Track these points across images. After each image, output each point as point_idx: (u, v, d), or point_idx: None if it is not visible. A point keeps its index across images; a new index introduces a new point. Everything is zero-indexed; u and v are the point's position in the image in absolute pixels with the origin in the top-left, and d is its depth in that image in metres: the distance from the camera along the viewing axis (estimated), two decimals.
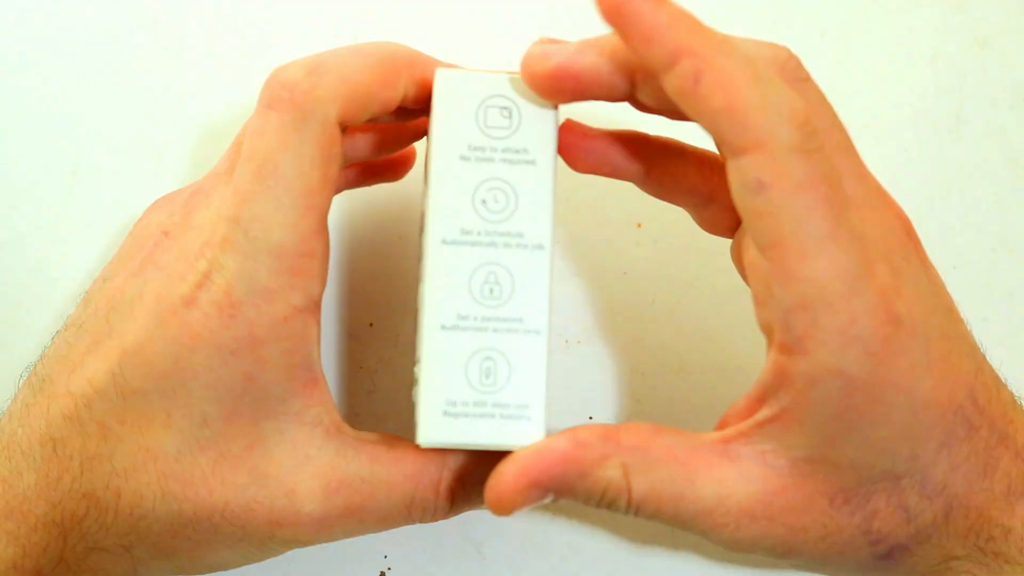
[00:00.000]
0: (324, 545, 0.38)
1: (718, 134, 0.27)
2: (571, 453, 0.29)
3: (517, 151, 0.31)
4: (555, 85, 0.30)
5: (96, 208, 0.40)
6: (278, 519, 0.30)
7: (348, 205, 0.40)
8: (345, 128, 0.31)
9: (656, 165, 0.33)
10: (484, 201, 0.31)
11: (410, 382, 0.34)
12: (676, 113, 0.29)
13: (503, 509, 0.30)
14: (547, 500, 0.30)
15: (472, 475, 0.32)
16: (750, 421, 0.30)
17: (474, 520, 0.38)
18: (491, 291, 0.30)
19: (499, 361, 0.30)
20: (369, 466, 0.31)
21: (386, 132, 0.35)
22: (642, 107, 0.31)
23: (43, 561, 0.30)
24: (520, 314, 0.30)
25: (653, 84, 0.29)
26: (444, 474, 0.31)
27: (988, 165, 0.42)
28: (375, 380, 0.39)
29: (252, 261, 0.30)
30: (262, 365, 0.30)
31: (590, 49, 0.29)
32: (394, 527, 0.32)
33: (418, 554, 0.38)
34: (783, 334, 0.28)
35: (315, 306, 0.31)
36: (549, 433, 0.30)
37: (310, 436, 0.31)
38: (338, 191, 0.37)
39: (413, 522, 0.32)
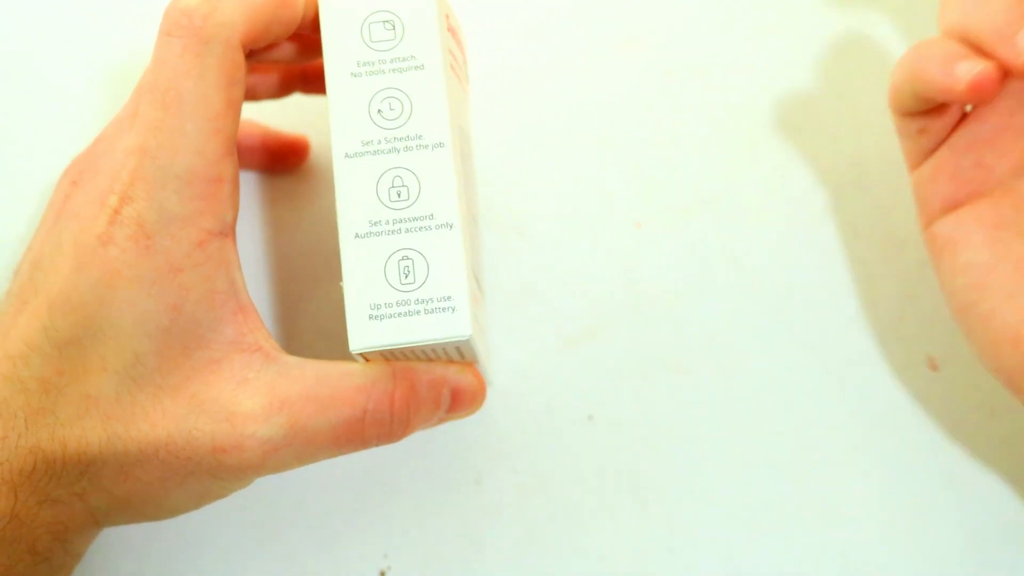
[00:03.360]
0: (324, 544, 0.38)
1: None
2: None
3: (405, 59, 0.31)
4: None
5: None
6: (221, 445, 0.30)
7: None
8: (249, 52, 0.31)
9: None
10: (380, 111, 0.31)
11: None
12: None
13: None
14: None
15: (425, 387, 0.32)
16: None
17: (474, 520, 0.38)
18: (398, 194, 0.31)
19: (416, 259, 0.31)
20: (315, 384, 0.31)
21: (289, 68, 0.37)
22: None
23: None
24: (430, 211, 0.31)
25: None
26: (397, 384, 0.31)
27: None
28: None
29: (161, 189, 0.30)
30: (185, 293, 0.30)
31: None
32: (349, 450, 0.32)
33: (418, 553, 0.38)
34: None
35: (229, 230, 0.31)
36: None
37: (247, 361, 0.31)
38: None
39: (368, 443, 0.32)
